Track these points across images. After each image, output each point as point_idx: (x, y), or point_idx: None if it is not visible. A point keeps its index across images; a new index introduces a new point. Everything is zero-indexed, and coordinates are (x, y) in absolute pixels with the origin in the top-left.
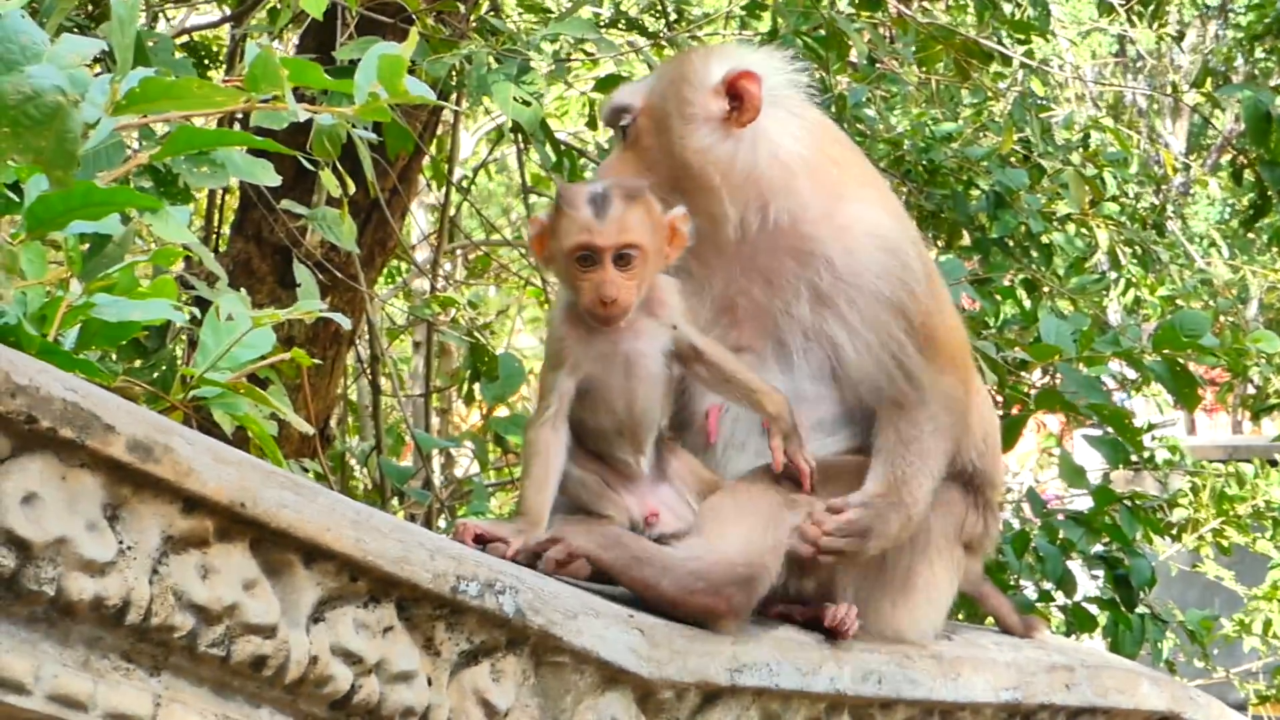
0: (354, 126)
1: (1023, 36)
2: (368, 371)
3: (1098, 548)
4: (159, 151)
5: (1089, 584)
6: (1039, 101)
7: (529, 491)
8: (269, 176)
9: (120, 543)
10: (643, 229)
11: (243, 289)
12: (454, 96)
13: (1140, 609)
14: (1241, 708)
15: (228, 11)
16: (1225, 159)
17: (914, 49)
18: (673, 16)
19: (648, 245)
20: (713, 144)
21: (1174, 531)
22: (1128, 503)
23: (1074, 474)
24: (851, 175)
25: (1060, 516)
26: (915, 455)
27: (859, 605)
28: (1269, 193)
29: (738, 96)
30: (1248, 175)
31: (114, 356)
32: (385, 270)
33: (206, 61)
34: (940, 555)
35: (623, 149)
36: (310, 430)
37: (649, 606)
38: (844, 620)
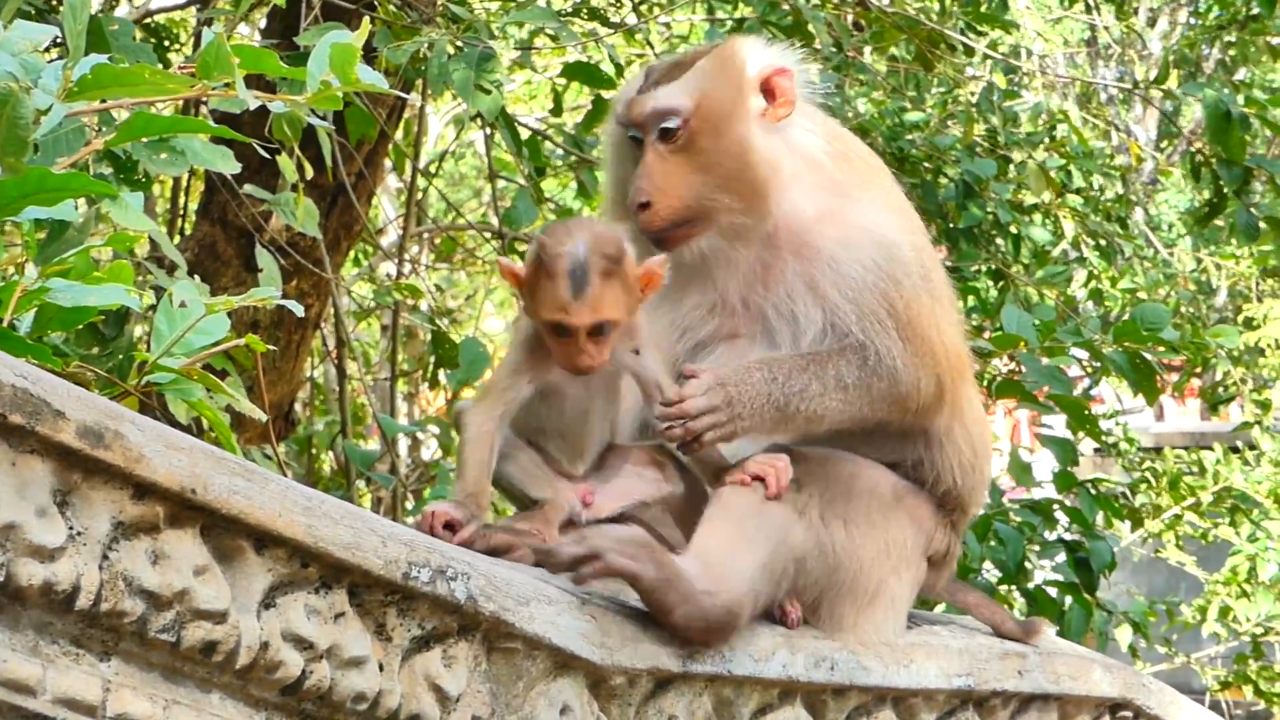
0: (311, 114)
1: (985, 29)
2: (333, 355)
3: (1059, 532)
4: (114, 137)
5: (1049, 574)
6: (1010, 89)
7: (475, 474)
8: (228, 164)
9: (70, 529)
10: (617, 303)
11: (198, 276)
12: (419, 82)
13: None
14: (1202, 693)
15: None
16: (1188, 152)
17: (871, 35)
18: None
19: (622, 316)
20: (762, 142)
21: (1137, 517)
22: (1089, 487)
23: (1021, 471)
24: (857, 172)
25: (1016, 506)
26: (813, 362)
27: (823, 610)
28: (1224, 191)
29: (770, 92)
30: (1206, 172)
31: (72, 341)
32: (352, 254)
33: (169, 44)
34: (909, 569)
35: (669, 152)
36: (262, 417)
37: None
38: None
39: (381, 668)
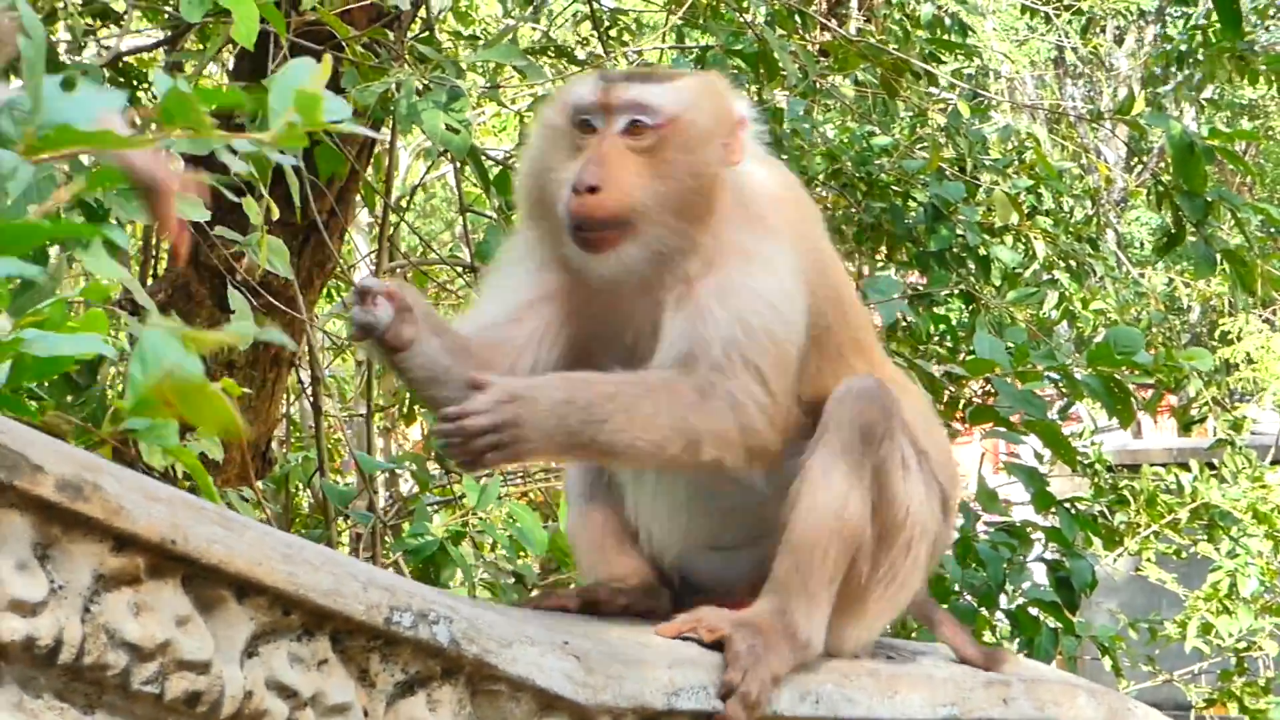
0: (281, 153)
1: (946, 57)
2: (309, 393)
3: (1037, 552)
4: (84, 187)
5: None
6: (978, 105)
7: None
8: (197, 211)
9: (51, 582)
10: None
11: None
12: (390, 120)
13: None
14: (1189, 708)
15: (163, 35)
16: (1152, 179)
17: (835, 62)
18: (606, 24)
19: None
20: (719, 176)
21: (1114, 536)
22: (1069, 506)
23: (988, 498)
24: (783, 215)
25: (989, 529)
26: (637, 389)
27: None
28: (1184, 222)
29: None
30: (1167, 203)
31: (46, 386)
32: (325, 291)
33: (138, 84)
34: (921, 577)
35: (629, 148)
36: (220, 457)
37: None
38: None
39: (366, 714)
